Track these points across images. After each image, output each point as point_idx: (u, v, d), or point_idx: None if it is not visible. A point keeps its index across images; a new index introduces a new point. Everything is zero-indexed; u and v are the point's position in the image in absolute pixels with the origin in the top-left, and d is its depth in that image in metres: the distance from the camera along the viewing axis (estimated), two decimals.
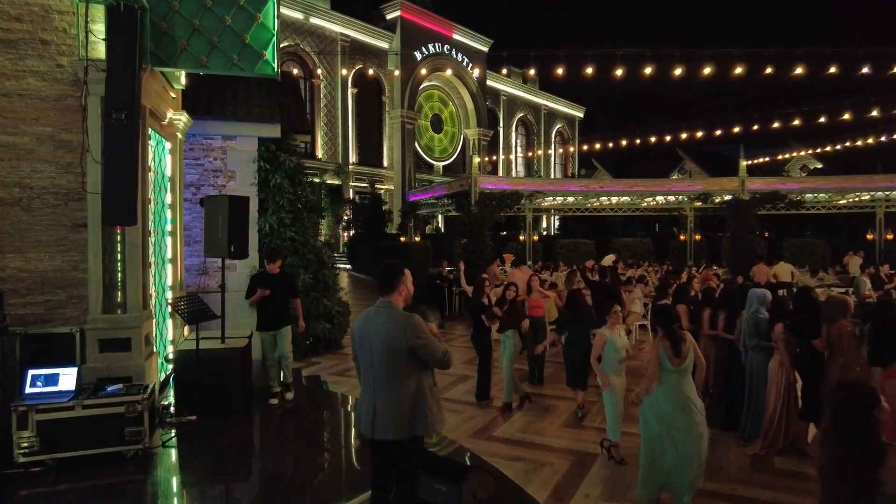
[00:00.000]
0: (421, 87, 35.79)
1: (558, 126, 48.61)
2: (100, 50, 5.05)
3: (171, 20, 5.33)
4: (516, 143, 45.29)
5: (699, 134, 22.19)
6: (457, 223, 18.08)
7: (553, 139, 48.42)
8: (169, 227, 7.11)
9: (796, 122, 18.69)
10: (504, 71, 43.04)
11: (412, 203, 22.06)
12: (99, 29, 5.09)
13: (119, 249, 5.37)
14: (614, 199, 20.91)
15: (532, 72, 17.80)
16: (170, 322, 7.19)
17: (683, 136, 24.29)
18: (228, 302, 9.13)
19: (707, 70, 13.63)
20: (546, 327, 9.10)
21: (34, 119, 5.24)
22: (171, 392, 5.99)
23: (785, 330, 5.45)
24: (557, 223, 41.62)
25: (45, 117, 5.26)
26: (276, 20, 5.58)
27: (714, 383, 6.40)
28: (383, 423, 2.95)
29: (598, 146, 29.77)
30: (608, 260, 21.18)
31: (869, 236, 20.87)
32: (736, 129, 21.34)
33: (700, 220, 24.04)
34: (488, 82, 40.43)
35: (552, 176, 47.59)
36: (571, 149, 49.36)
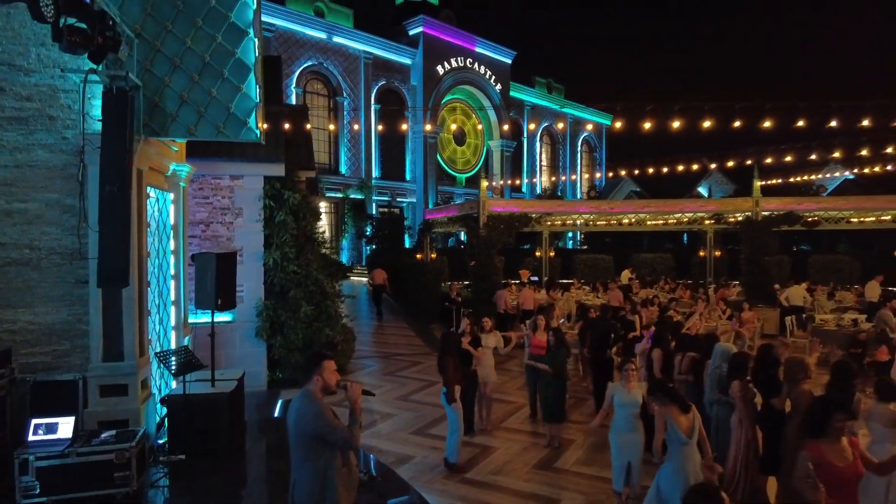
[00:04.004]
0: (444, 100, 36.25)
1: (585, 134, 48.42)
2: (98, 125, 5.57)
3: (163, 94, 5.84)
4: (541, 153, 45.29)
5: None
6: (467, 245, 18.39)
7: (579, 147, 48.21)
8: (172, 272, 7.63)
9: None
10: (528, 81, 43.12)
11: (428, 221, 22.44)
12: (99, 104, 5.62)
13: (117, 302, 5.88)
14: (629, 219, 20.79)
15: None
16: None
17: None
18: (236, 332, 9.77)
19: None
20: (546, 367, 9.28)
21: (43, 187, 5.81)
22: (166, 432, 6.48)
23: (743, 387, 5.59)
24: (581, 236, 41.44)
25: (52, 185, 5.82)
26: (258, 90, 6.03)
27: None
28: (298, 499, 3.31)
29: (625, 155, 29.57)
30: (625, 276, 21.19)
31: None
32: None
33: (722, 236, 23.66)
34: (512, 93, 40.64)
35: (578, 185, 47.40)
36: (597, 156, 49.02)
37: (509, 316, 14.75)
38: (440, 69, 34.80)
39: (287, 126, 11.41)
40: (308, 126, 13.00)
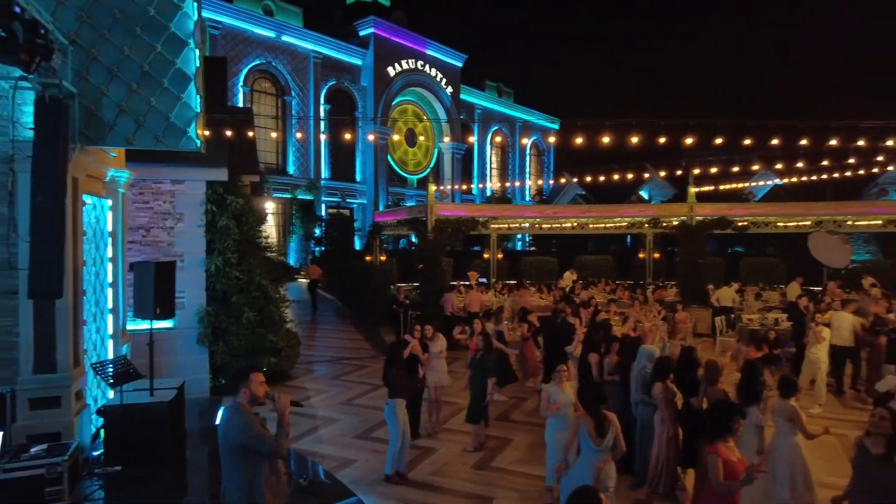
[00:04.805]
0: (395, 102, 36.31)
1: (533, 138, 49.35)
2: (29, 132, 5.46)
3: (100, 103, 5.77)
4: (491, 156, 45.94)
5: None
6: (416, 249, 18.60)
7: (528, 151, 49.18)
8: (110, 280, 7.49)
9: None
10: (479, 85, 43.67)
11: (377, 224, 22.52)
12: (30, 111, 5.50)
13: (50, 313, 5.77)
14: (572, 223, 21.40)
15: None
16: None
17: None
18: (177, 339, 9.62)
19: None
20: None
21: None
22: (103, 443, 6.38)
23: (665, 388, 6.02)
24: (530, 238, 42.27)
25: None
26: (198, 99, 6.04)
27: None
28: None
29: (570, 157, 30.37)
30: (568, 279, 21.84)
31: None
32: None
33: (661, 238, 24.66)
34: (463, 96, 41.07)
35: (527, 187, 48.37)
36: (545, 160, 50.18)
37: (456, 318, 15.01)
38: (391, 70, 34.81)
39: (231, 130, 11.31)
40: (251, 132, 12.89)
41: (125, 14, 5.72)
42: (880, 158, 21.43)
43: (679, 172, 23.47)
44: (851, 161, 23.28)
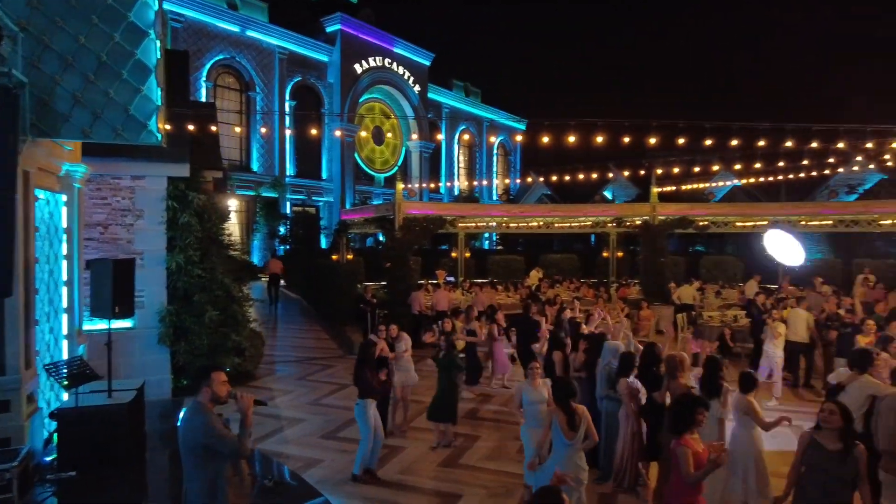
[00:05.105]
0: (362, 99, 36.03)
1: (500, 138, 49.69)
2: None
3: (53, 93, 5.54)
4: (458, 155, 46.05)
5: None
6: (383, 247, 18.47)
7: (495, 151, 49.48)
8: (65, 278, 7.21)
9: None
10: (446, 84, 43.72)
11: (344, 222, 22.32)
12: None
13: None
14: (538, 222, 21.63)
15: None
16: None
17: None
18: (137, 339, 9.34)
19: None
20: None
21: None
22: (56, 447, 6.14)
23: (630, 384, 6.13)
24: (497, 237, 42.52)
25: None
26: (159, 92, 5.87)
27: None
28: None
29: (537, 157, 30.64)
30: (534, 277, 22.06)
31: None
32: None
33: (624, 238, 25.10)
34: (430, 95, 41.02)
35: (494, 186, 48.67)
36: (512, 159, 50.58)
37: (424, 317, 14.99)
38: (358, 68, 34.52)
39: (193, 125, 11.03)
40: (214, 127, 12.59)
41: (80, 1, 5.51)
42: (831, 160, 22.32)
43: (642, 172, 23.97)
44: (805, 163, 24.18)
